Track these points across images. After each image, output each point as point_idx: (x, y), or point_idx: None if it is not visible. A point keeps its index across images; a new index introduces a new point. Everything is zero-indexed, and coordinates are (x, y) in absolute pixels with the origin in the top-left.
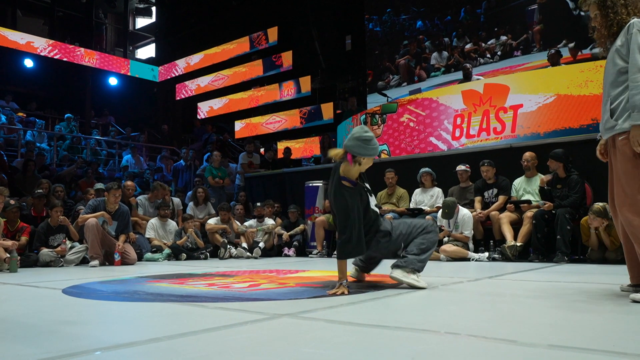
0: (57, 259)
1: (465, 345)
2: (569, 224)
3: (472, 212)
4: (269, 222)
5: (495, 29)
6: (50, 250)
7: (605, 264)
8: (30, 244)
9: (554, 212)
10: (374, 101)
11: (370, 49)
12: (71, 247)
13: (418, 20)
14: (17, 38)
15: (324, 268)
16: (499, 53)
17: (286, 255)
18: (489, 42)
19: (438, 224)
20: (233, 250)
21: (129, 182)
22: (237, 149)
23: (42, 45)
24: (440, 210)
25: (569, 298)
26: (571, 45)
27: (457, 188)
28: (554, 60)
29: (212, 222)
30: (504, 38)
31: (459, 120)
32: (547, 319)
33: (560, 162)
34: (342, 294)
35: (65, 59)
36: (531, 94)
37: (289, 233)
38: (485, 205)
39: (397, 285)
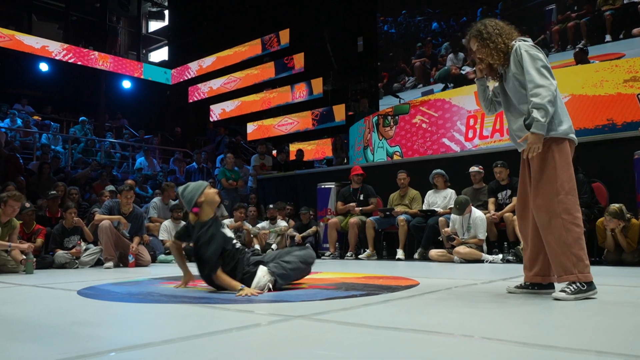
0: (72, 260)
1: (480, 347)
2: (584, 225)
3: (485, 214)
4: (282, 224)
5: None
6: (66, 252)
7: (621, 265)
8: (46, 246)
9: None
10: (387, 103)
11: (385, 50)
12: (86, 249)
13: (433, 22)
14: (32, 42)
15: (337, 270)
16: None
17: None
18: None
19: (450, 230)
20: None
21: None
22: (250, 151)
23: (56, 49)
24: (452, 207)
25: (585, 301)
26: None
27: (470, 189)
28: (580, 57)
29: (226, 222)
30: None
31: (472, 122)
32: (562, 321)
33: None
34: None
35: (79, 63)
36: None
37: (301, 235)
38: (499, 206)
39: (411, 287)
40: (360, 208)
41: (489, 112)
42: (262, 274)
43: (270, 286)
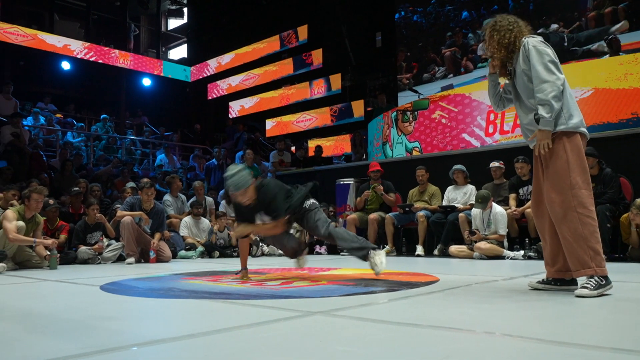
0: (94, 256)
1: (501, 344)
2: (608, 221)
3: (506, 210)
4: None
5: (544, 18)
6: (88, 247)
7: None
8: (69, 241)
9: None
10: (406, 96)
11: (413, 41)
12: (108, 245)
13: (464, 11)
14: (54, 41)
15: (356, 266)
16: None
17: (318, 253)
18: (538, 31)
19: (473, 228)
20: (265, 248)
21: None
22: (269, 147)
23: (78, 47)
24: (474, 202)
25: (607, 298)
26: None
27: (491, 185)
28: (614, 47)
29: None
30: (555, 26)
31: (492, 116)
32: (584, 319)
33: (596, 158)
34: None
35: (100, 61)
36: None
37: None
38: (520, 202)
39: (431, 283)
40: (381, 190)
41: (497, 108)
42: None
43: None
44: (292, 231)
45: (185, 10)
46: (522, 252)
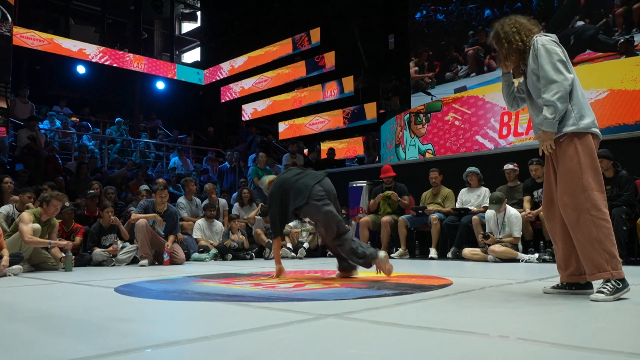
0: (109, 258)
1: (515, 348)
2: (625, 224)
3: (521, 212)
4: None
5: (570, 14)
6: (103, 250)
7: None
8: (84, 244)
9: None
10: (419, 97)
11: (436, 39)
12: (122, 247)
13: (486, 9)
14: (70, 46)
15: (369, 269)
16: (572, 41)
17: (330, 256)
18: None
19: (487, 231)
20: None
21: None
22: (281, 150)
23: (93, 52)
24: (488, 204)
25: (624, 301)
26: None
27: (505, 187)
28: (625, 48)
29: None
30: (580, 24)
31: (506, 118)
32: (602, 323)
33: (611, 160)
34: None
35: (115, 65)
36: (582, 89)
37: None
38: (535, 204)
39: (444, 286)
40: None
41: (511, 108)
42: None
43: None
44: (304, 234)
45: (199, 14)
46: (536, 255)
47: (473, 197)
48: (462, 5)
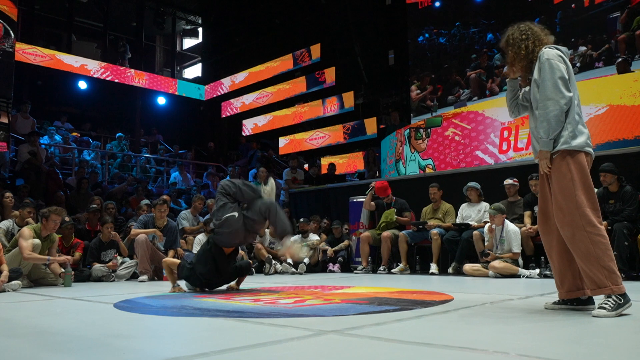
0: (108, 273)
1: None
2: (626, 239)
3: (521, 227)
4: (314, 237)
5: (572, 40)
6: (102, 265)
7: None
8: (84, 259)
9: (610, 227)
10: (419, 113)
11: (439, 63)
12: (122, 262)
13: (488, 33)
14: (72, 61)
15: (369, 284)
16: (577, 65)
17: (331, 271)
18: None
19: (486, 250)
20: (278, 266)
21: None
22: (282, 165)
23: (95, 67)
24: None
25: (626, 317)
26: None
27: (505, 202)
28: (623, 68)
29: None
30: (583, 49)
31: (506, 133)
32: (604, 339)
33: (615, 174)
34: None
35: (116, 80)
36: (582, 105)
37: (333, 249)
38: (535, 220)
39: (445, 302)
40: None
41: (511, 114)
42: None
43: None
44: (304, 250)
45: (200, 30)
46: (537, 270)
47: (473, 212)
48: (465, 29)
